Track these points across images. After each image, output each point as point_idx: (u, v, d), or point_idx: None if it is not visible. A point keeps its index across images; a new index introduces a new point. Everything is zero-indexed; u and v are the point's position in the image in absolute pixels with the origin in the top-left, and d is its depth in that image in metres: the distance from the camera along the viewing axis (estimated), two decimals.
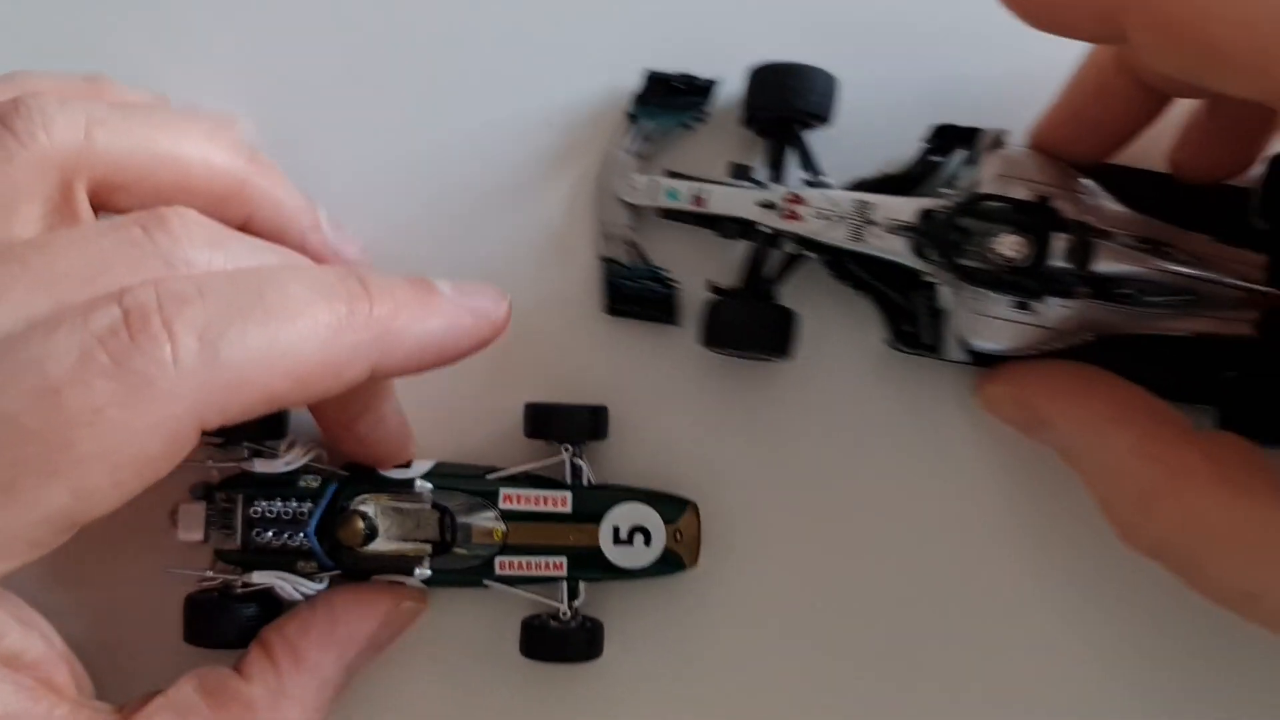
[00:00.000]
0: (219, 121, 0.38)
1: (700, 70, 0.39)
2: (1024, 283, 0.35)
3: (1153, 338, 0.37)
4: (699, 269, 0.39)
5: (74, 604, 0.38)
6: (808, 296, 0.38)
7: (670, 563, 0.37)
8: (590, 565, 0.37)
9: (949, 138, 0.37)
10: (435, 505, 0.37)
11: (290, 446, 0.37)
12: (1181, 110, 0.37)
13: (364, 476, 0.37)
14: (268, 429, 0.37)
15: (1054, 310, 0.36)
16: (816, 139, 0.38)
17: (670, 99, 0.39)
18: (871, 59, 0.39)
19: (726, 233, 0.38)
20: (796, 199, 0.36)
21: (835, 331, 0.39)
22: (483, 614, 0.39)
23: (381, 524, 0.36)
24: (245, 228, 0.35)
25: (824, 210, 0.36)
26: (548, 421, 0.37)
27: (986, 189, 0.36)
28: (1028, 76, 0.38)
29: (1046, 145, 0.36)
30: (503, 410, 0.39)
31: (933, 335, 0.37)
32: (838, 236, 0.36)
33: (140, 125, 0.32)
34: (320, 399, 0.30)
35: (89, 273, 0.28)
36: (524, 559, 0.37)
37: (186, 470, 0.33)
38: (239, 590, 0.37)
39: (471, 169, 0.40)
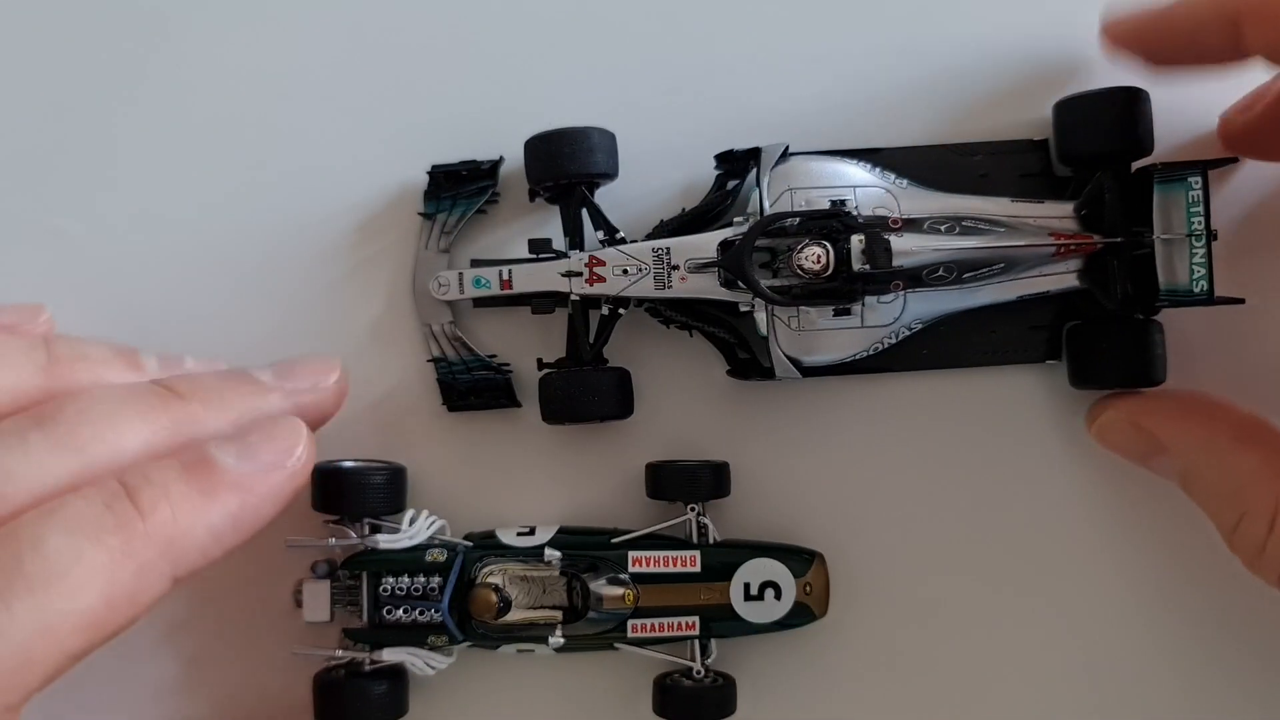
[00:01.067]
0: (9, 327, 0.36)
1: (488, 151, 0.39)
2: (835, 289, 0.35)
3: (986, 308, 0.37)
4: (536, 345, 0.39)
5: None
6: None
7: (801, 615, 0.37)
8: (722, 622, 0.36)
9: (735, 162, 0.37)
10: (564, 572, 0.36)
11: (412, 520, 0.37)
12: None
13: (488, 546, 0.37)
14: (387, 503, 0.36)
15: (875, 309, 0.36)
16: (621, 193, 0.38)
17: (459, 188, 0.38)
18: (658, 103, 0.39)
19: (539, 308, 0.37)
20: (596, 261, 0.36)
21: None
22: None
23: (510, 593, 0.36)
24: None
25: (624, 266, 0.36)
26: (671, 481, 0.37)
27: (777, 206, 0.36)
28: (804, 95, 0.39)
29: (1118, 37, 0.36)
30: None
31: (767, 359, 0.36)
32: (645, 288, 0.36)
33: None
34: (128, 626, 0.28)
35: None
36: (656, 620, 0.36)
37: (308, 549, 0.34)
38: (368, 668, 0.36)
39: (286, 265, 0.40)
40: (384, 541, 0.36)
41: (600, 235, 0.37)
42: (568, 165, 0.36)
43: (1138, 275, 0.36)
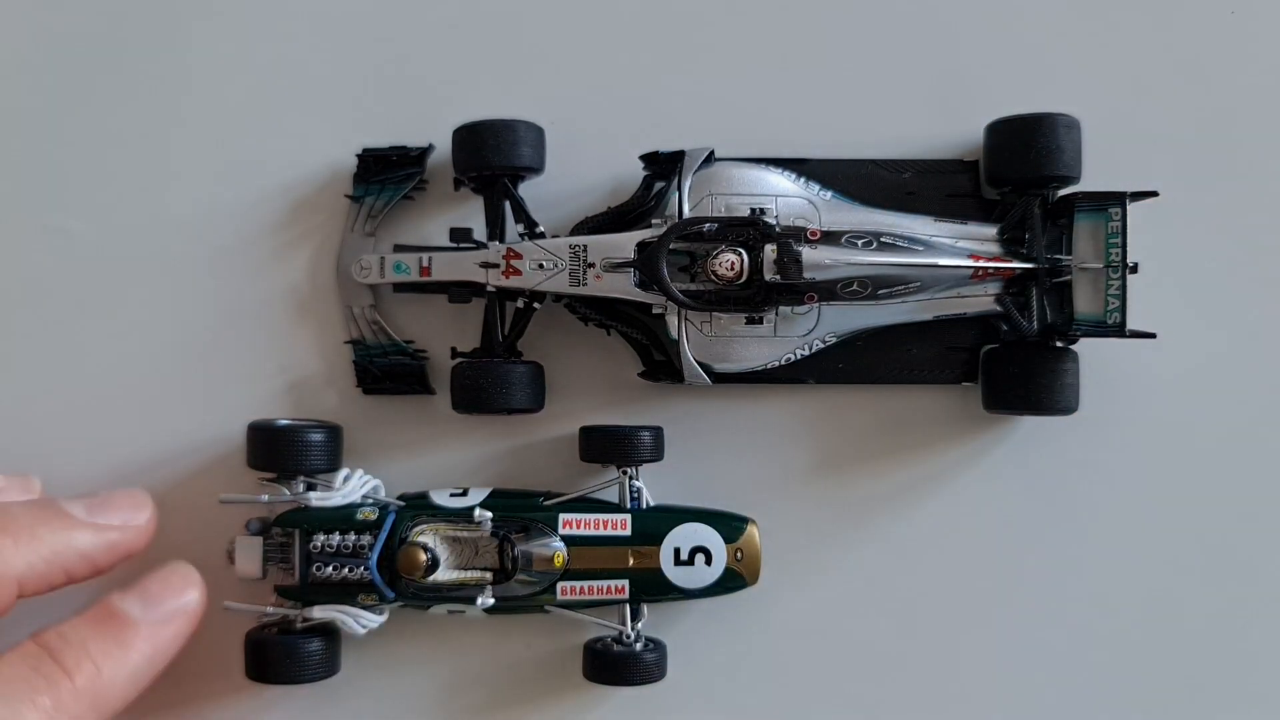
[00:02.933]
0: None
1: (420, 138, 0.39)
2: (747, 297, 0.35)
3: (904, 326, 0.37)
4: (454, 334, 0.39)
5: None
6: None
7: (732, 581, 0.36)
8: (652, 587, 0.36)
9: (661, 164, 0.37)
10: (494, 533, 0.36)
11: (346, 479, 0.37)
12: None
13: (420, 506, 0.37)
14: (321, 462, 0.36)
15: (789, 320, 0.36)
16: (551, 189, 0.39)
17: (387, 173, 0.38)
18: (593, 101, 0.39)
19: (456, 297, 0.37)
20: (513, 254, 0.36)
21: None
22: (544, 638, 0.39)
23: (440, 553, 0.36)
24: None
25: (540, 261, 0.36)
26: (605, 444, 0.37)
27: (698, 211, 0.36)
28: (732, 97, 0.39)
29: None
30: (556, 435, 0.39)
31: (679, 363, 0.36)
32: (560, 284, 0.36)
33: None
34: None
35: None
36: (586, 583, 0.36)
37: (243, 506, 0.35)
38: (299, 626, 0.36)
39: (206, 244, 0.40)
40: (316, 499, 0.36)
41: (520, 229, 0.37)
42: (492, 157, 0.36)
43: (1056, 303, 0.36)
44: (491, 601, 0.36)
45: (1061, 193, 0.37)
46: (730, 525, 0.36)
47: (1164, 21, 0.39)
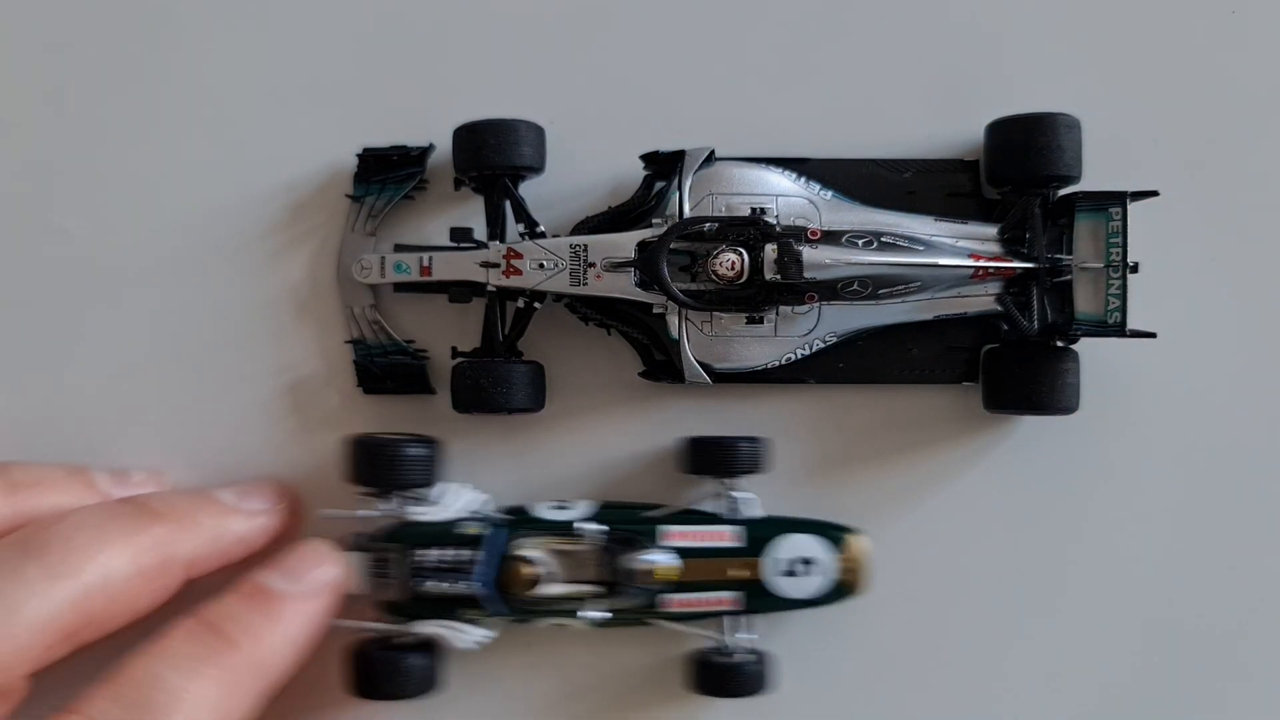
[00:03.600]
0: None
1: (420, 138, 0.39)
2: (748, 297, 0.35)
3: (905, 326, 0.37)
4: (455, 334, 0.39)
5: None
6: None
7: (839, 591, 0.36)
8: (759, 598, 0.36)
9: (661, 163, 0.37)
10: (600, 546, 0.36)
11: (447, 493, 0.36)
12: None
13: (523, 520, 0.36)
14: (423, 476, 0.36)
15: (790, 319, 0.36)
16: (551, 189, 0.38)
17: (388, 173, 0.38)
18: (593, 100, 0.39)
19: (456, 296, 0.37)
20: (514, 254, 0.36)
21: None
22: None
23: (547, 567, 0.36)
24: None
25: (541, 260, 0.36)
26: (708, 456, 0.36)
27: (698, 211, 0.36)
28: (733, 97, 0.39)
29: None
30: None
31: (679, 363, 0.36)
32: (560, 284, 0.36)
33: None
34: (146, 609, 0.33)
35: None
36: (693, 596, 0.36)
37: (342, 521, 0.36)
38: (402, 641, 0.36)
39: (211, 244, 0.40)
40: (420, 514, 0.36)
41: (521, 228, 0.37)
42: (493, 156, 0.36)
43: (1056, 302, 0.36)
44: (600, 615, 0.36)
45: (1062, 192, 0.36)
46: (837, 535, 0.36)
47: (1164, 21, 0.39)
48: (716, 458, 0.36)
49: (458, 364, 0.37)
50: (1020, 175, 0.36)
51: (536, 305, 0.37)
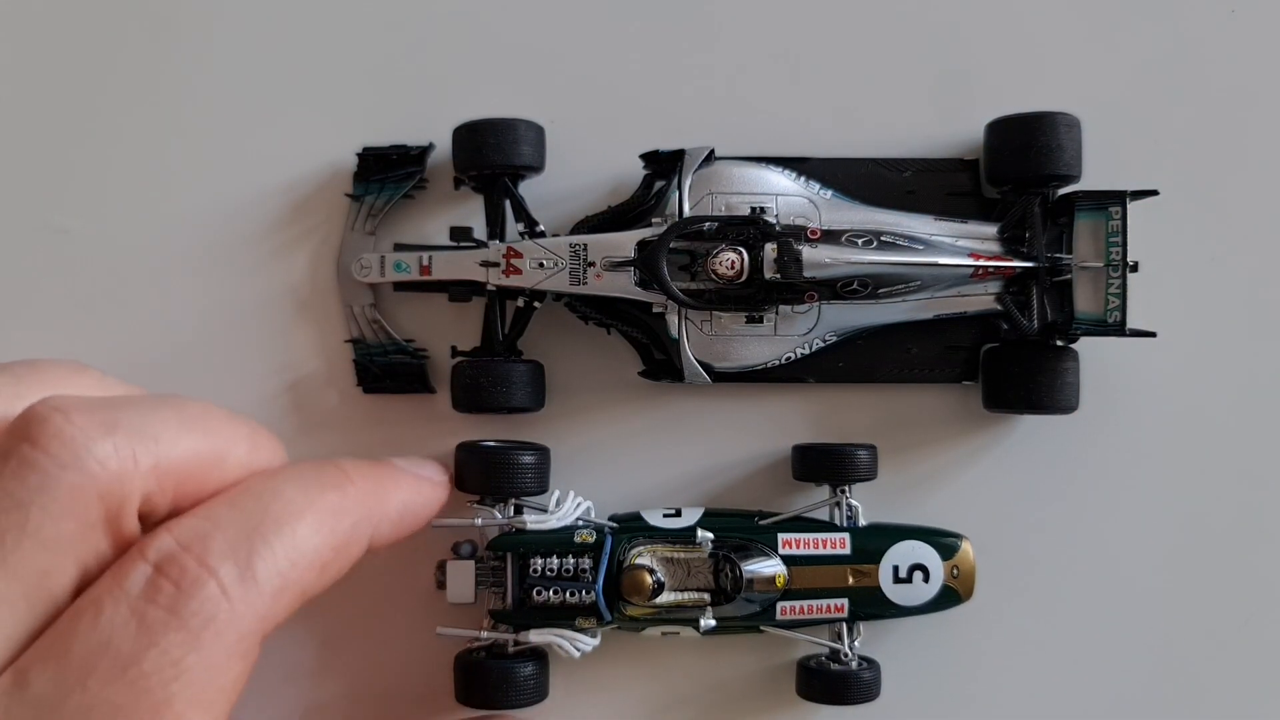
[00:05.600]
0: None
1: (420, 137, 0.39)
2: (748, 296, 0.35)
3: (905, 325, 0.37)
4: (455, 333, 0.39)
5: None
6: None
7: (947, 598, 0.36)
8: (871, 605, 0.36)
9: (661, 162, 0.37)
10: (713, 554, 0.36)
11: (559, 501, 0.36)
12: None
13: (635, 527, 0.36)
14: (534, 484, 0.36)
15: (789, 318, 0.36)
16: (551, 188, 0.39)
17: (388, 172, 0.38)
18: (593, 100, 0.39)
19: (456, 296, 0.37)
20: (514, 253, 0.36)
21: None
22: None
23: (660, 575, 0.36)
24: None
25: (541, 259, 0.36)
26: (819, 463, 0.37)
27: (698, 210, 0.36)
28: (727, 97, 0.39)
29: None
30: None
31: (679, 362, 0.36)
32: (560, 283, 0.36)
33: (182, 434, 0.31)
34: (335, 580, 0.32)
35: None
36: (806, 603, 0.36)
37: (451, 530, 0.36)
38: (512, 650, 0.36)
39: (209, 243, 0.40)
40: (532, 522, 0.36)
41: (521, 228, 0.37)
42: (492, 155, 0.36)
43: (1056, 302, 0.36)
44: (713, 623, 0.35)
45: (1062, 192, 0.37)
46: (946, 542, 0.36)
47: (1164, 21, 0.39)
48: (831, 465, 0.36)
49: (457, 363, 0.37)
50: (1020, 174, 0.36)
51: (536, 304, 0.37)
